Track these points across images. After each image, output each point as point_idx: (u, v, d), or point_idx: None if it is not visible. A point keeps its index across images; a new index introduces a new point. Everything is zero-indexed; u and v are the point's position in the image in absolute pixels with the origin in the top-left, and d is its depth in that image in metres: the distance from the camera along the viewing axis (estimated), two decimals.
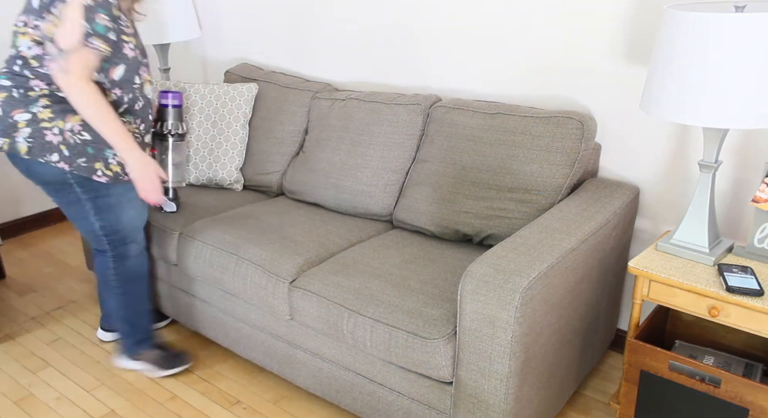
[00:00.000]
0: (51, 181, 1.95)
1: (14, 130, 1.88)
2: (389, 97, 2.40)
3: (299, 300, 1.94)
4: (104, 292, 2.23)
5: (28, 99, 1.88)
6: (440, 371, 1.70)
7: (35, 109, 1.88)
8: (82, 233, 2.11)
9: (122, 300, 2.19)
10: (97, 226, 2.05)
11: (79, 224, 2.08)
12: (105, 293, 2.23)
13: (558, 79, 2.22)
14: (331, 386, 2.01)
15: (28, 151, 1.89)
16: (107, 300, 2.24)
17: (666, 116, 1.61)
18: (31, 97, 1.88)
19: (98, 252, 2.18)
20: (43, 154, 1.89)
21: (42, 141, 1.88)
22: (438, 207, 2.18)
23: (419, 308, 1.77)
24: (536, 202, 2.03)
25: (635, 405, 1.82)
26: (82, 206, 2.01)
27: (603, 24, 2.07)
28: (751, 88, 1.49)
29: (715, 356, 1.91)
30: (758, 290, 1.59)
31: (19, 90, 1.88)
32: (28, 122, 1.87)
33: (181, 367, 2.32)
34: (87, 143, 1.92)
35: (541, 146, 2.03)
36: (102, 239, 2.09)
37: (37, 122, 1.88)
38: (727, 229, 2.04)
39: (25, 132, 1.88)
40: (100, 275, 2.20)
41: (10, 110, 1.88)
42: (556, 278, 1.66)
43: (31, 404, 2.19)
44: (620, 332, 2.38)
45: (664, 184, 2.12)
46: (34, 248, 3.31)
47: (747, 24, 1.45)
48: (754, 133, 1.92)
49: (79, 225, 2.08)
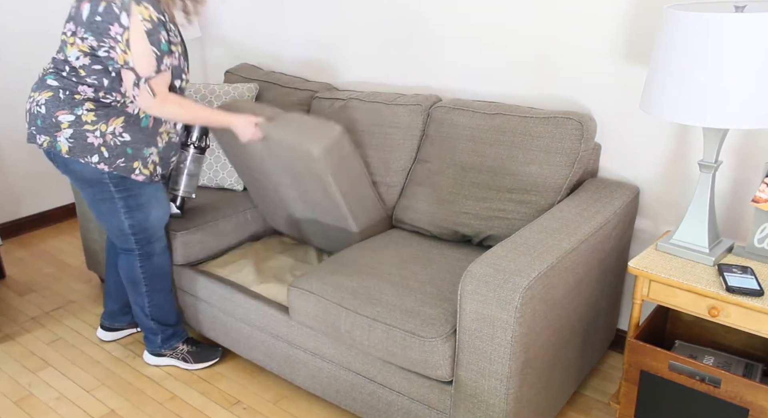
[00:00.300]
0: (87, 179, 2.00)
1: (56, 129, 1.93)
2: (389, 97, 2.40)
3: (297, 300, 1.94)
4: (129, 291, 2.25)
5: (73, 101, 1.92)
6: (438, 371, 1.70)
7: (80, 112, 1.92)
8: (109, 231, 2.13)
9: (149, 298, 2.23)
10: (126, 224, 2.09)
11: (107, 222, 2.10)
12: (130, 292, 2.25)
13: (558, 79, 2.22)
14: (331, 386, 2.01)
15: (68, 151, 1.94)
16: (132, 300, 2.26)
17: (666, 116, 1.61)
18: (76, 100, 1.93)
19: (123, 251, 2.19)
20: (84, 155, 1.94)
21: (83, 143, 1.93)
22: (437, 208, 2.18)
23: (417, 308, 1.77)
24: (535, 202, 2.03)
25: (635, 405, 1.82)
26: (113, 204, 2.05)
27: (603, 24, 2.07)
28: (751, 88, 1.49)
29: (715, 356, 1.91)
30: (758, 290, 1.59)
31: (65, 92, 1.93)
32: (71, 124, 1.92)
33: (211, 361, 2.36)
34: (127, 144, 1.97)
35: (540, 147, 2.03)
36: (130, 237, 2.12)
37: (80, 124, 1.92)
38: (727, 229, 2.04)
39: (67, 132, 1.92)
40: (125, 274, 2.22)
41: (55, 110, 1.92)
42: (556, 278, 1.66)
43: (31, 404, 2.19)
44: (620, 332, 2.38)
45: (664, 184, 2.12)
46: (34, 248, 3.31)
47: (747, 24, 1.45)
48: (754, 133, 1.92)
49: (107, 223, 2.10)
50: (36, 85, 1.98)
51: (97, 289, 2.90)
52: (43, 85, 1.95)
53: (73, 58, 1.90)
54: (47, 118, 1.93)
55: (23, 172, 3.39)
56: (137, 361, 2.40)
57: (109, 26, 1.83)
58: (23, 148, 3.36)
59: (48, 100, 1.93)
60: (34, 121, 1.96)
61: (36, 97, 1.95)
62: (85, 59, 1.89)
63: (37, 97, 1.95)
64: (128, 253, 2.18)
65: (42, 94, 1.94)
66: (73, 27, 1.89)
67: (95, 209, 2.08)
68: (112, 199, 2.04)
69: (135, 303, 2.26)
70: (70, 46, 1.90)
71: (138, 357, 2.42)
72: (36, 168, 3.44)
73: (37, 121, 1.95)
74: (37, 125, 1.95)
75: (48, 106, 1.93)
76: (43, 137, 1.95)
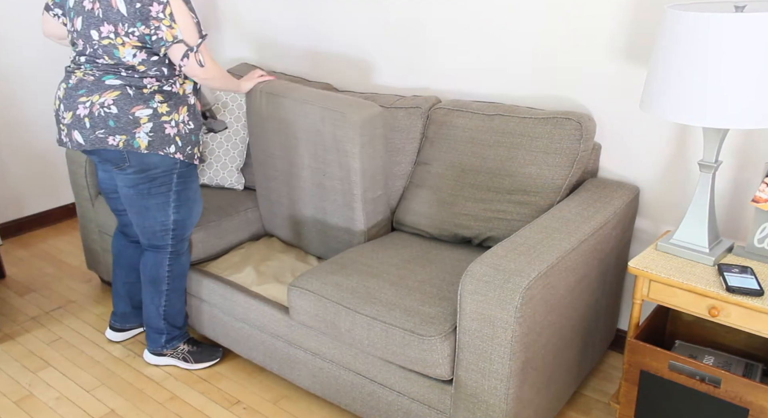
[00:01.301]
0: (157, 173, 2.01)
1: (135, 126, 1.93)
2: (389, 100, 2.39)
3: (297, 299, 1.94)
4: (147, 290, 2.24)
5: (143, 95, 1.93)
6: (437, 369, 1.70)
7: (154, 105, 1.94)
8: (147, 228, 2.12)
9: (167, 297, 2.24)
10: (171, 219, 2.11)
11: (151, 218, 2.10)
12: (149, 291, 2.24)
13: (558, 79, 2.22)
14: (331, 386, 2.01)
15: (148, 146, 1.95)
16: (148, 299, 2.25)
17: (666, 116, 1.61)
18: (145, 94, 1.94)
19: (152, 249, 2.19)
20: (163, 146, 1.97)
21: (162, 134, 1.96)
22: (438, 210, 2.18)
23: (417, 307, 1.77)
24: (535, 203, 2.03)
25: (635, 405, 1.82)
26: (167, 198, 2.07)
27: (603, 24, 2.07)
28: (751, 88, 1.49)
29: (715, 356, 1.91)
30: (758, 290, 1.59)
31: (131, 88, 1.93)
32: (150, 117, 1.94)
33: (212, 361, 2.36)
34: (192, 132, 2.04)
35: (539, 148, 2.03)
36: (168, 233, 2.14)
37: (158, 117, 1.95)
38: (727, 229, 2.04)
39: (147, 127, 1.94)
40: (149, 272, 2.21)
41: (129, 107, 1.92)
42: (556, 278, 1.66)
43: (31, 404, 2.19)
44: (620, 332, 2.38)
45: (664, 184, 2.12)
46: (34, 248, 3.31)
47: (747, 24, 1.45)
48: (754, 133, 1.92)
49: (151, 219, 2.10)
50: (85, 89, 1.93)
51: (97, 289, 2.90)
52: (103, 86, 1.92)
53: (129, 57, 1.90)
54: (122, 117, 1.91)
55: (23, 172, 3.39)
56: (137, 361, 2.40)
57: (149, 8, 1.83)
58: (23, 149, 3.36)
59: (117, 99, 1.91)
60: (102, 124, 1.91)
61: (96, 100, 1.91)
62: (141, 54, 1.90)
63: (98, 99, 1.91)
64: (158, 250, 2.18)
65: (105, 95, 1.91)
66: (112, 28, 1.87)
67: (142, 204, 2.07)
68: (167, 193, 2.06)
69: (151, 302, 2.25)
70: (121, 48, 1.88)
71: (138, 357, 2.42)
72: (36, 168, 3.44)
73: (108, 123, 1.91)
74: (108, 127, 1.92)
75: (120, 105, 1.91)
76: (118, 137, 1.92)
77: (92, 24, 1.90)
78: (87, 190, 2.65)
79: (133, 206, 2.09)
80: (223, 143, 2.60)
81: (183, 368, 2.34)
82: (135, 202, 2.07)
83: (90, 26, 1.90)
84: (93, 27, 1.90)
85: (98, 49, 1.91)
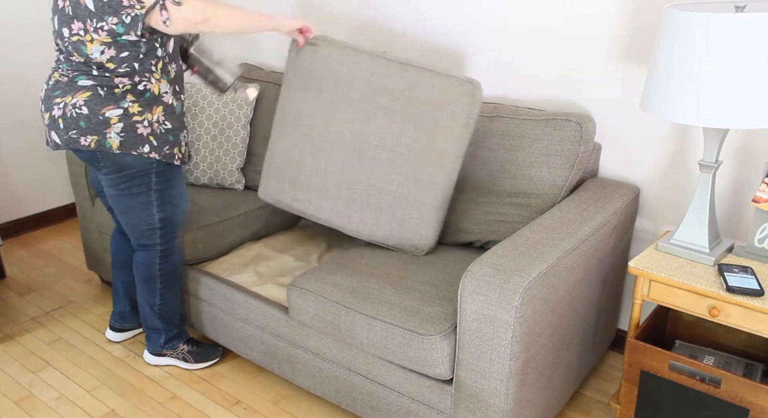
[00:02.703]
0: (133, 173, 1.99)
1: (105, 126, 1.91)
2: None
3: (297, 299, 1.94)
4: (141, 289, 2.24)
5: (114, 95, 1.91)
6: (437, 369, 1.70)
7: (125, 104, 1.91)
8: (133, 227, 2.12)
9: (161, 296, 2.24)
10: (156, 217, 2.10)
11: (135, 217, 2.09)
12: (142, 290, 2.24)
13: (558, 79, 2.22)
14: (331, 386, 2.01)
15: (119, 146, 1.93)
16: (142, 298, 2.25)
17: (666, 116, 1.61)
18: (116, 94, 1.91)
19: (143, 248, 2.19)
20: (135, 147, 1.94)
21: (134, 134, 1.93)
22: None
23: (417, 306, 1.77)
24: (536, 205, 2.03)
25: (635, 405, 1.82)
26: (148, 197, 2.05)
27: (603, 24, 2.07)
28: (751, 88, 1.49)
29: (715, 356, 1.91)
30: (758, 290, 1.59)
31: (103, 88, 1.90)
32: (120, 117, 1.91)
33: (212, 361, 2.36)
34: (169, 132, 2.00)
35: (539, 150, 2.03)
36: (156, 232, 2.13)
37: (129, 116, 1.92)
38: (727, 229, 2.04)
39: (118, 127, 1.91)
40: (141, 271, 2.21)
41: (99, 108, 1.89)
42: (556, 278, 1.66)
43: (31, 404, 2.19)
44: (620, 332, 2.38)
45: (664, 184, 2.12)
46: (34, 248, 3.31)
47: (747, 24, 1.45)
48: (754, 133, 1.92)
49: (136, 218, 2.09)
50: (60, 90, 1.92)
51: (97, 289, 2.90)
52: (75, 87, 1.90)
53: (97, 54, 1.85)
54: (92, 118, 1.90)
55: (23, 172, 3.39)
56: (137, 361, 2.40)
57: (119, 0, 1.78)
58: (23, 149, 3.36)
59: (88, 100, 1.89)
60: (74, 125, 1.90)
61: (69, 101, 1.90)
62: (110, 51, 1.86)
63: (70, 100, 1.90)
64: (149, 249, 2.18)
65: (77, 96, 1.89)
66: (81, 24, 1.84)
67: (125, 203, 2.06)
68: (148, 192, 2.04)
69: (145, 301, 2.25)
70: (89, 44, 1.85)
71: (138, 357, 2.42)
72: (36, 168, 3.44)
73: (79, 124, 1.90)
74: (80, 127, 1.90)
75: (90, 106, 1.89)
76: (89, 138, 1.91)
77: (64, 22, 1.86)
78: (87, 190, 2.65)
79: (118, 206, 2.09)
80: (223, 143, 2.60)
81: (183, 367, 2.34)
82: (118, 201, 2.07)
83: (62, 24, 1.87)
84: (65, 25, 1.86)
85: (69, 46, 1.88)
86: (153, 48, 1.91)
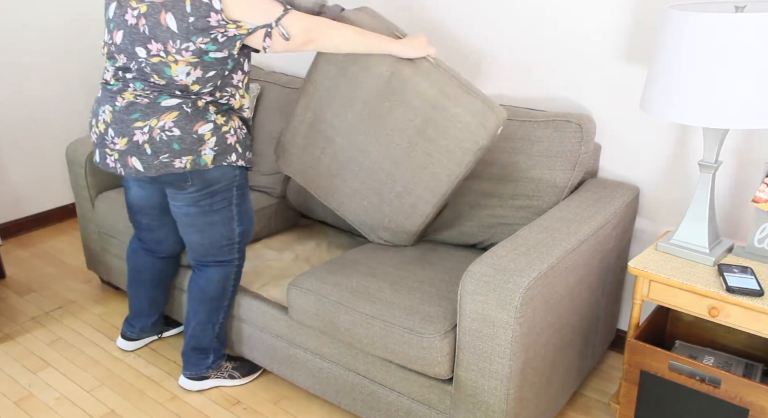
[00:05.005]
0: (218, 188, 1.91)
1: (200, 144, 1.82)
2: None
3: (296, 298, 1.94)
4: (206, 308, 2.11)
5: (200, 110, 1.82)
6: (437, 368, 1.70)
7: (212, 118, 1.84)
8: (211, 244, 2.01)
9: (225, 314, 2.15)
10: (237, 231, 2.02)
11: (216, 234, 2.00)
12: (207, 308, 2.11)
13: (558, 79, 2.22)
14: (331, 386, 2.01)
15: (213, 160, 1.86)
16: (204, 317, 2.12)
17: (666, 116, 1.61)
18: (201, 108, 1.82)
19: (218, 264, 2.07)
20: (225, 156, 1.88)
21: (224, 146, 1.87)
22: (440, 217, 2.18)
23: (416, 306, 1.77)
24: (537, 207, 2.03)
25: (635, 405, 1.82)
26: (229, 212, 1.98)
27: (603, 24, 2.07)
28: (751, 88, 1.49)
29: (715, 356, 1.91)
30: (758, 290, 1.59)
31: (188, 105, 1.80)
32: (212, 131, 1.84)
33: (257, 372, 2.29)
34: (246, 136, 1.97)
35: (540, 151, 2.03)
36: (235, 246, 2.05)
37: (218, 128, 1.85)
38: (727, 229, 2.04)
39: (212, 142, 1.84)
40: (213, 288, 2.09)
41: (191, 126, 1.81)
42: (556, 278, 1.66)
43: (31, 404, 2.19)
44: (620, 332, 2.38)
45: (664, 184, 2.12)
46: (34, 248, 3.31)
47: (747, 24, 1.45)
48: (754, 133, 1.92)
49: (216, 235, 2.00)
50: (140, 113, 1.79)
51: (97, 289, 2.90)
52: (158, 109, 1.78)
53: (183, 75, 1.75)
54: (186, 138, 1.80)
55: (23, 172, 3.39)
56: (137, 361, 2.40)
57: (207, 20, 1.68)
58: (23, 149, 3.36)
59: (177, 120, 1.79)
60: (165, 148, 1.80)
61: (155, 124, 1.78)
62: (196, 72, 1.76)
63: (156, 123, 1.78)
64: (225, 265, 2.07)
65: (163, 118, 1.78)
66: (161, 46, 1.71)
67: (204, 221, 1.96)
68: (229, 206, 1.97)
69: (208, 321, 2.13)
70: (173, 66, 1.74)
71: (138, 357, 2.42)
72: (36, 168, 3.44)
73: (172, 146, 1.79)
74: (173, 150, 1.80)
75: (181, 125, 1.79)
76: (184, 159, 1.82)
77: (137, 40, 1.74)
78: (87, 191, 2.65)
79: (195, 225, 1.97)
80: None
81: (230, 386, 2.24)
82: (196, 220, 1.96)
83: (135, 43, 1.74)
84: (139, 44, 1.74)
85: (145, 67, 1.76)
86: (239, 64, 1.85)
